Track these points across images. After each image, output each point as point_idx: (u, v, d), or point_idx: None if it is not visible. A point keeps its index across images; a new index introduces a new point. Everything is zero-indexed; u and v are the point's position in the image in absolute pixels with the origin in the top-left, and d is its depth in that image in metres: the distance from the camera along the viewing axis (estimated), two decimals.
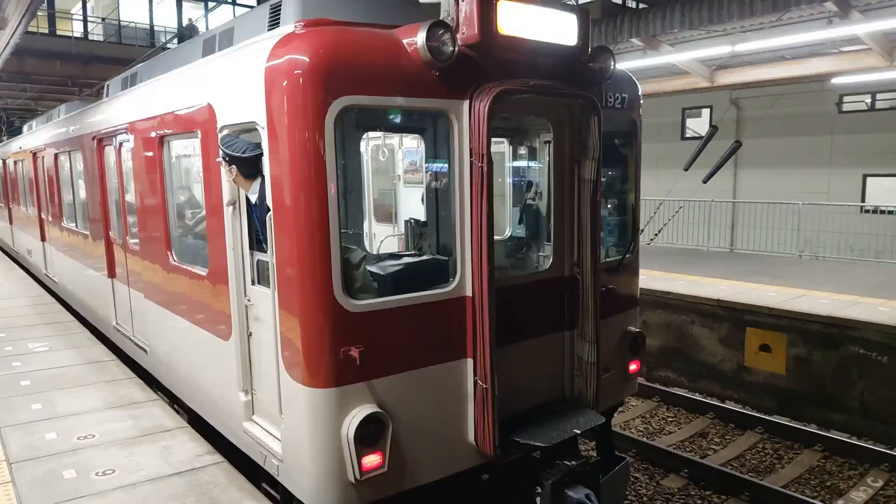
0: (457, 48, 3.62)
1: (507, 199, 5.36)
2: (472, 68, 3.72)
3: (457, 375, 3.84)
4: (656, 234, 17.65)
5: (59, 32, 24.03)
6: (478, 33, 3.66)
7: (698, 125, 19.85)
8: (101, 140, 6.76)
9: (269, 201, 3.62)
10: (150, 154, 5.36)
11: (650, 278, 10.98)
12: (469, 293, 3.81)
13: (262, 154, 3.65)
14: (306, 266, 3.42)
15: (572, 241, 4.37)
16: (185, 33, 28.38)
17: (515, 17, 3.79)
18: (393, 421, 3.59)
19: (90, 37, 24.96)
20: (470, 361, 3.84)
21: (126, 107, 6.18)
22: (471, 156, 3.71)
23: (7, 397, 5.48)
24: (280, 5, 4.12)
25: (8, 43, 11.74)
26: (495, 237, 3.85)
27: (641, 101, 4.88)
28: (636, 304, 5.07)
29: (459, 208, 3.80)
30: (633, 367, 4.96)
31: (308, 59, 3.32)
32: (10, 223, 14.14)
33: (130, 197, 6.10)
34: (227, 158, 3.99)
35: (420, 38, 3.53)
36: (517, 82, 3.81)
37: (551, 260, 4.42)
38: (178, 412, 5.44)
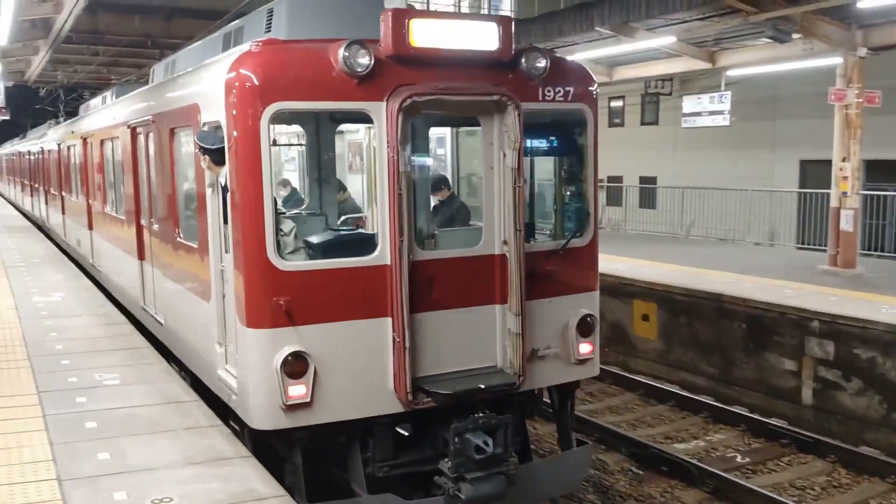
0: (373, 60, 5.88)
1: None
2: (390, 75, 6.02)
3: (378, 330, 6.10)
4: None
5: None
6: (391, 47, 5.95)
7: None
8: (134, 129, 9.63)
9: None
10: (165, 144, 8.11)
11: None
12: (389, 262, 6.10)
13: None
14: (247, 232, 5.87)
15: (501, 222, 6.55)
16: None
17: (429, 31, 6.04)
18: (317, 361, 5.90)
19: None
20: (389, 320, 6.09)
21: (152, 99, 9.01)
22: (387, 147, 6.01)
23: (70, 442, 5.97)
24: (272, 15, 6.90)
25: None
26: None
27: (595, 92, 7.08)
28: (591, 289, 7.15)
29: (380, 190, 6.14)
30: (583, 348, 6.99)
31: (250, 74, 5.79)
32: (63, 213, 17.60)
33: (154, 183, 8.97)
34: (201, 149, 6.52)
35: (340, 53, 5.83)
36: (430, 86, 6.08)
37: (483, 239, 6.62)
38: (184, 378, 7.84)
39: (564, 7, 17.47)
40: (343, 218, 8.50)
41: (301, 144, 9.50)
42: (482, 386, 6.30)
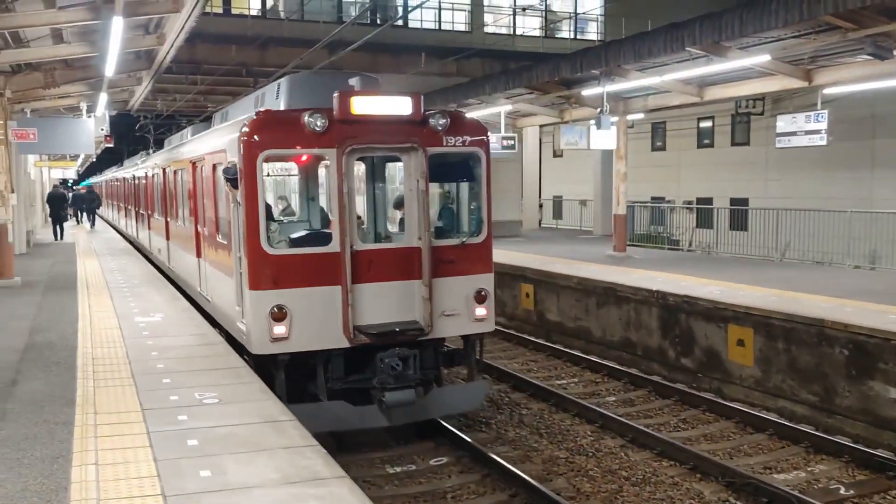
0: (327, 122, 9.67)
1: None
2: (340, 131, 9.81)
3: (333, 293, 9.83)
4: None
5: (234, 11, 27.33)
6: (339, 114, 9.80)
7: None
8: (195, 163, 13.82)
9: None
10: (210, 175, 12.18)
11: None
12: (339, 250, 9.88)
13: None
14: (250, 231, 9.72)
15: (417, 225, 10.28)
16: (379, 3, 30.45)
17: (364, 104, 9.94)
18: (292, 311, 9.66)
19: (269, 15, 27.90)
20: (340, 287, 9.82)
21: (204, 142, 13.37)
22: (336, 177, 9.84)
23: (174, 459, 6.15)
24: (279, 87, 11.25)
25: (183, 27, 13.64)
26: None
27: (486, 139, 10.87)
28: (485, 272, 10.81)
29: (334, 205, 10.02)
30: (479, 312, 10.68)
31: (251, 132, 9.76)
32: (149, 228, 22.16)
33: (206, 202, 12.92)
34: (225, 178, 10.32)
35: (306, 118, 9.64)
36: (365, 138, 9.96)
37: (405, 235, 10.47)
38: (219, 334, 11.33)
39: (653, 28, 17.28)
40: None
41: (288, 176, 14.45)
42: (397, 329, 10.08)
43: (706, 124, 32.18)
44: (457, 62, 25.48)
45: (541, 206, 37.60)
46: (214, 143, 12.04)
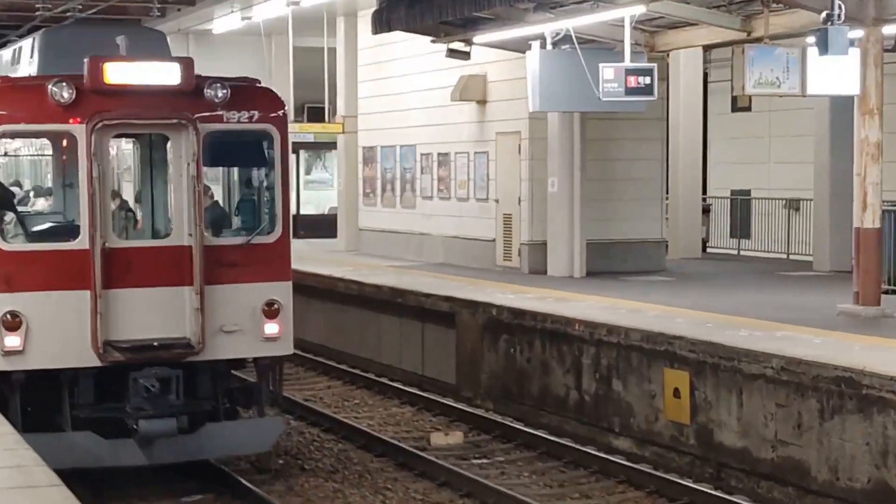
0: (75, 93, 15.21)
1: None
2: (91, 104, 15.64)
3: (80, 300, 15.47)
4: None
5: None
6: (90, 83, 15.69)
7: None
8: None
9: None
10: None
11: None
12: (88, 247, 14.52)
13: None
14: None
15: (187, 219, 15.38)
16: None
17: (120, 71, 15.69)
18: (29, 319, 15.18)
19: None
20: (89, 292, 15.01)
21: None
22: (84, 158, 15.74)
23: None
24: (34, 45, 19.78)
25: None
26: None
27: (282, 113, 16.86)
28: (279, 278, 16.65)
29: (82, 190, 15.86)
30: (269, 329, 16.21)
31: None
32: None
33: None
34: None
35: (49, 88, 15.43)
36: (119, 112, 15.74)
37: (173, 231, 15.51)
38: None
39: None
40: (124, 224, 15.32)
41: (41, 156, 18.80)
42: (156, 344, 14.47)
43: None
44: None
45: (706, 210, 37.28)
46: None
